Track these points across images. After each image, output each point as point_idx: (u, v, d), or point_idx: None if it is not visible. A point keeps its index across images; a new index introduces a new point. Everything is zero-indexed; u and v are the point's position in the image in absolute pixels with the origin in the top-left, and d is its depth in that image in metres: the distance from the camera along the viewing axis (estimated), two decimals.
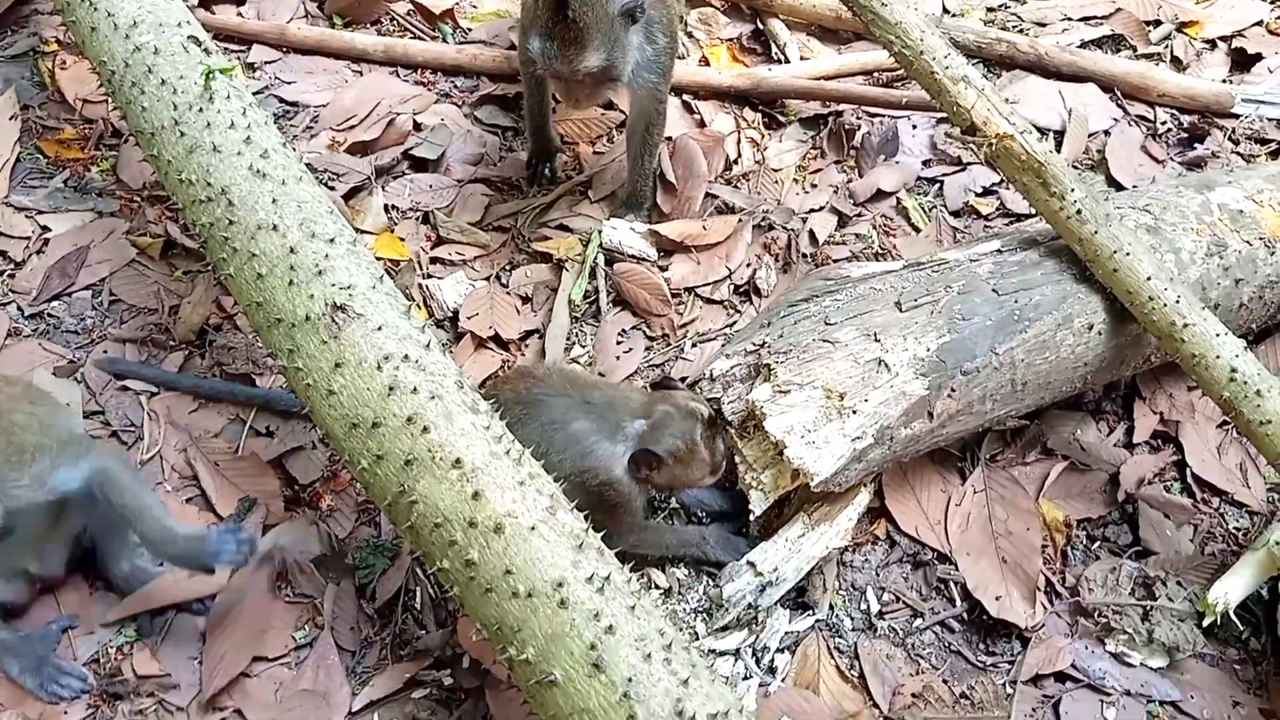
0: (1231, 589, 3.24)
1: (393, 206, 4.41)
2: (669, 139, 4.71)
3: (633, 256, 4.20)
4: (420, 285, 4.05)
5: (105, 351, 3.82)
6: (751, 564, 3.18)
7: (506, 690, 3.00)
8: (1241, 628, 3.25)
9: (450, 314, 4.04)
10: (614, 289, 4.13)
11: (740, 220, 4.44)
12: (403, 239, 4.23)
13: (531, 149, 4.59)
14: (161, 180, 3.44)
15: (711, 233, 4.35)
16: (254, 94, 4.01)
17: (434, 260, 4.19)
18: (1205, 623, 3.27)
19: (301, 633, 3.18)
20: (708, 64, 5.19)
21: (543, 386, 3.17)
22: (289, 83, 4.94)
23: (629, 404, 3.11)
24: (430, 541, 2.61)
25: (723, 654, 3.17)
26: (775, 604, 3.28)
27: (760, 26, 5.43)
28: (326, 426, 2.80)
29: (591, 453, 3.05)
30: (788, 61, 5.20)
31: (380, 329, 2.75)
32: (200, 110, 3.25)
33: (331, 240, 2.92)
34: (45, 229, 4.22)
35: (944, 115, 4.07)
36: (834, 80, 5.11)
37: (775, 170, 4.74)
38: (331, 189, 4.37)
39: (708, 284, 4.17)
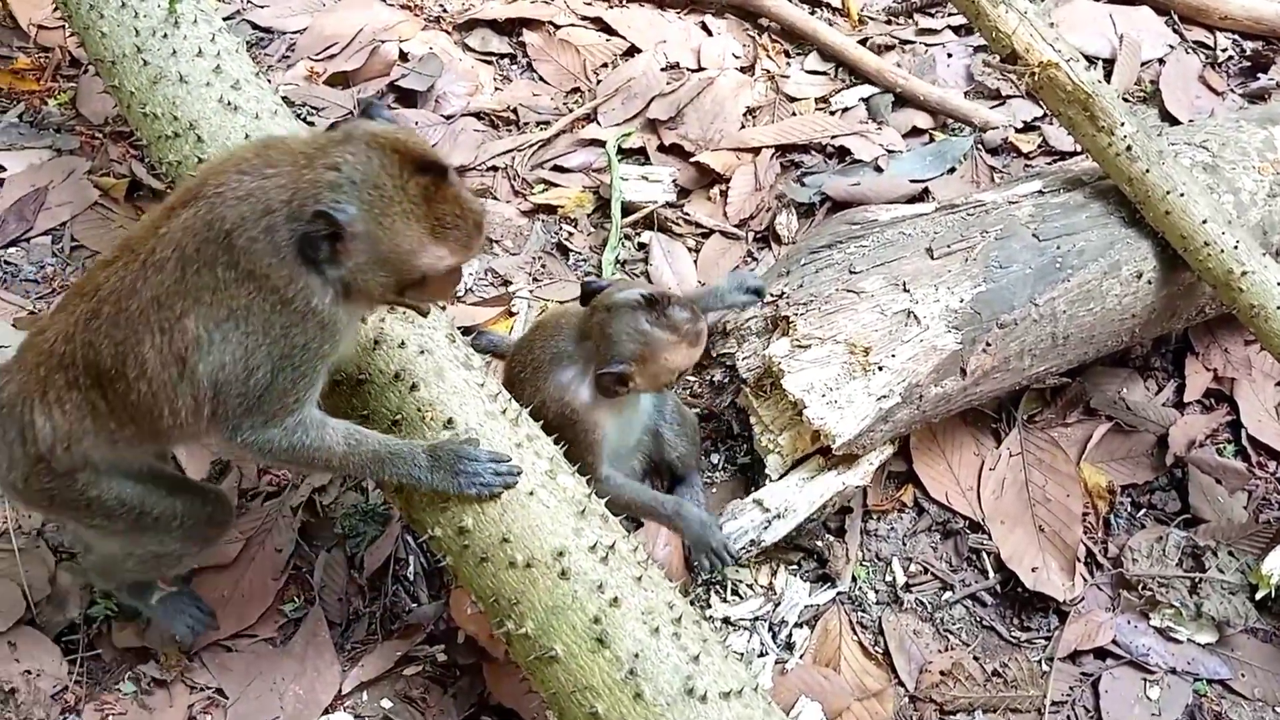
0: None
1: None
2: (676, 66, 4.70)
3: (649, 202, 4.32)
4: None
5: None
6: (758, 501, 3.24)
7: (504, 667, 3.03)
8: None
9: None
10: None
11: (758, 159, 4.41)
12: None
13: None
14: (124, 114, 3.45)
15: (727, 172, 4.39)
16: (224, 19, 3.97)
17: None
18: (1258, 595, 3.30)
19: (290, 605, 3.28)
20: None
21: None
22: (262, 6, 4.93)
23: (562, 327, 3.08)
24: (421, 507, 2.66)
25: (737, 628, 3.25)
26: (795, 576, 3.36)
27: None
28: None
29: (540, 387, 3.01)
30: None
31: None
32: (165, 36, 3.25)
33: None
34: None
35: (982, 42, 4.03)
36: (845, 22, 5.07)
37: (793, 100, 4.71)
38: (310, 124, 4.35)
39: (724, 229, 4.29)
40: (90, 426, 2.43)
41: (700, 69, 4.80)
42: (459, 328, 3.02)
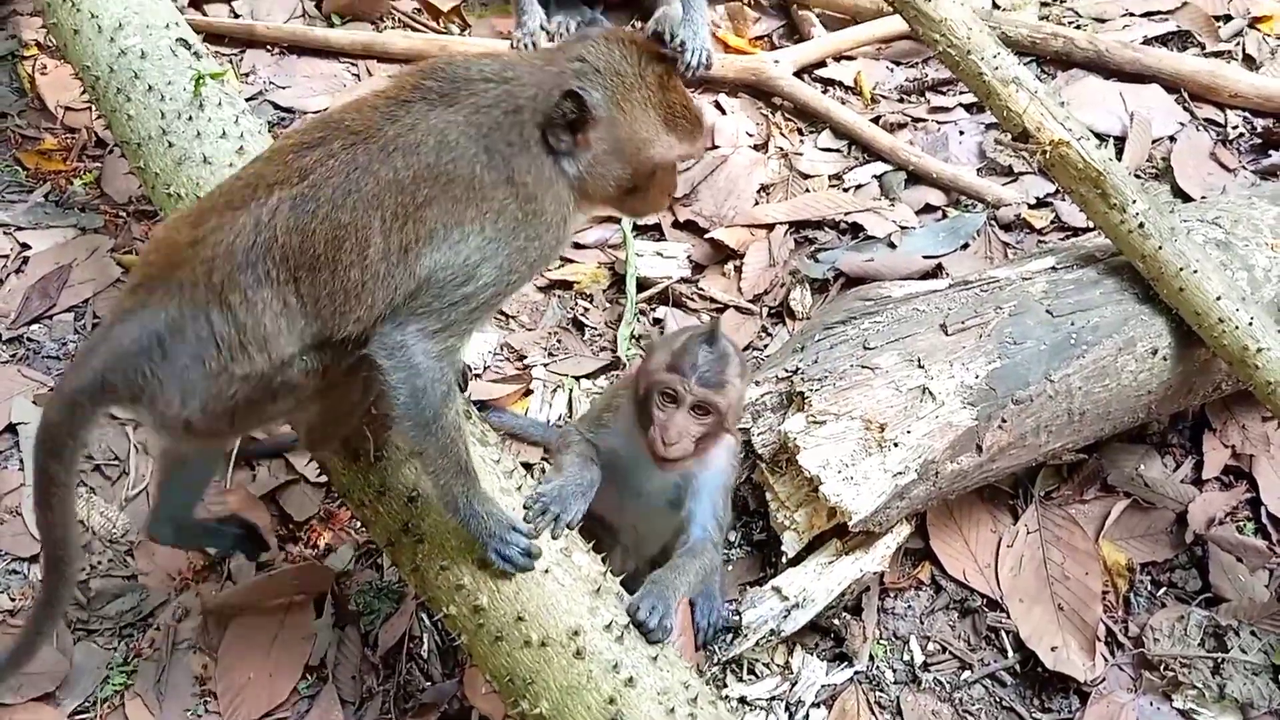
0: None
1: None
2: None
3: (664, 278, 4.39)
4: None
5: None
6: (776, 589, 3.24)
7: None
8: None
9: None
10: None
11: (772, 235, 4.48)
12: None
13: None
14: (148, 194, 3.53)
15: (741, 248, 4.46)
16: (247, 100, 4.08)
17: None
18: None
19: (304, 683, 3.28)
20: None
21: None
22: (284, 87, 5.04)
23: None
24: (436, 585, 2.68)
25: (753, 708, 3.23)
26: (812, 655, 3.35)
27: (793, 20, 5.49)
28: (325, 460, 2.85)
29: None
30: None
31: None
32: (190, 119, 3.34)
33: None
34: (24, 246, 4.32)
35: (994, 120, 4.10)
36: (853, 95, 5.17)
37: (807, 178, 4.79)
38: None
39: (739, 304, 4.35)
40: (283, 326, 2.34)
41: (714, 147, 4.89)
42: (475, 403, 3.08)
